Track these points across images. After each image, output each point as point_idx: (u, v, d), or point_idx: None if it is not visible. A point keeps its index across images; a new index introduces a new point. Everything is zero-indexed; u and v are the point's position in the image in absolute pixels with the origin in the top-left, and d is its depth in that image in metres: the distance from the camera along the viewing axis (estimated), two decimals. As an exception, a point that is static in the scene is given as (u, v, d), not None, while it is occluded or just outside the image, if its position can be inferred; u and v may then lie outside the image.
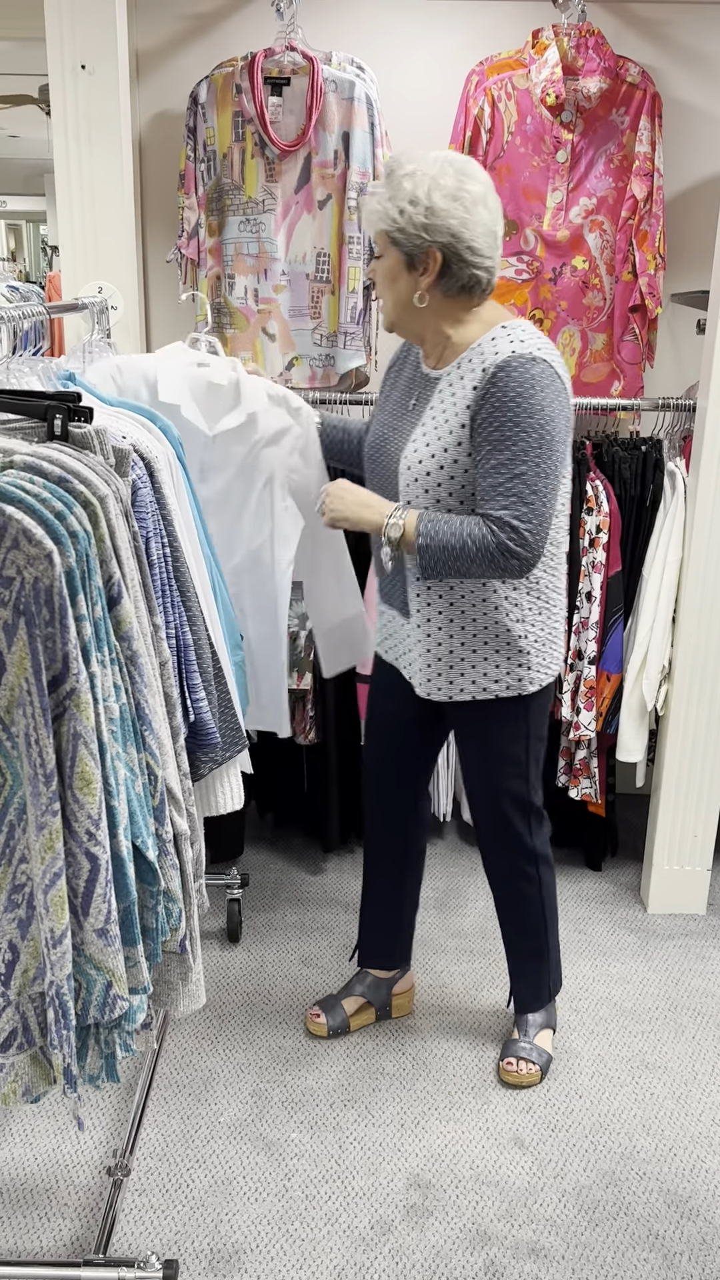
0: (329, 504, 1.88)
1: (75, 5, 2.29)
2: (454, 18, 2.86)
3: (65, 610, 1.17)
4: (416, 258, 1.80)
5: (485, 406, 1.78)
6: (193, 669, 1.65)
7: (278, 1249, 1.84)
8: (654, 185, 2.70)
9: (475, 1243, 1.86)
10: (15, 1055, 1.33)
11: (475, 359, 1.82)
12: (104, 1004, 1.30)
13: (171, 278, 3.03)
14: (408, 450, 1.89)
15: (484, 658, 1.97)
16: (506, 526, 1.76)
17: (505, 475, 1.76)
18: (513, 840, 2.13)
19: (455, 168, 1.78)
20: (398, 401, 2.00)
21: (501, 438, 1.76)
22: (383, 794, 2.27)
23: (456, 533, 1.78)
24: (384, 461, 1.97)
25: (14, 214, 9.15)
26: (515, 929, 2.22)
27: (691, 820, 2.73)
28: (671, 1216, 1.91)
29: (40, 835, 1.21)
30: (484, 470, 1.79)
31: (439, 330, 1.88)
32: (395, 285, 1.85)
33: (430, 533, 1.79)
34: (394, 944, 2.37)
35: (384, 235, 1.82)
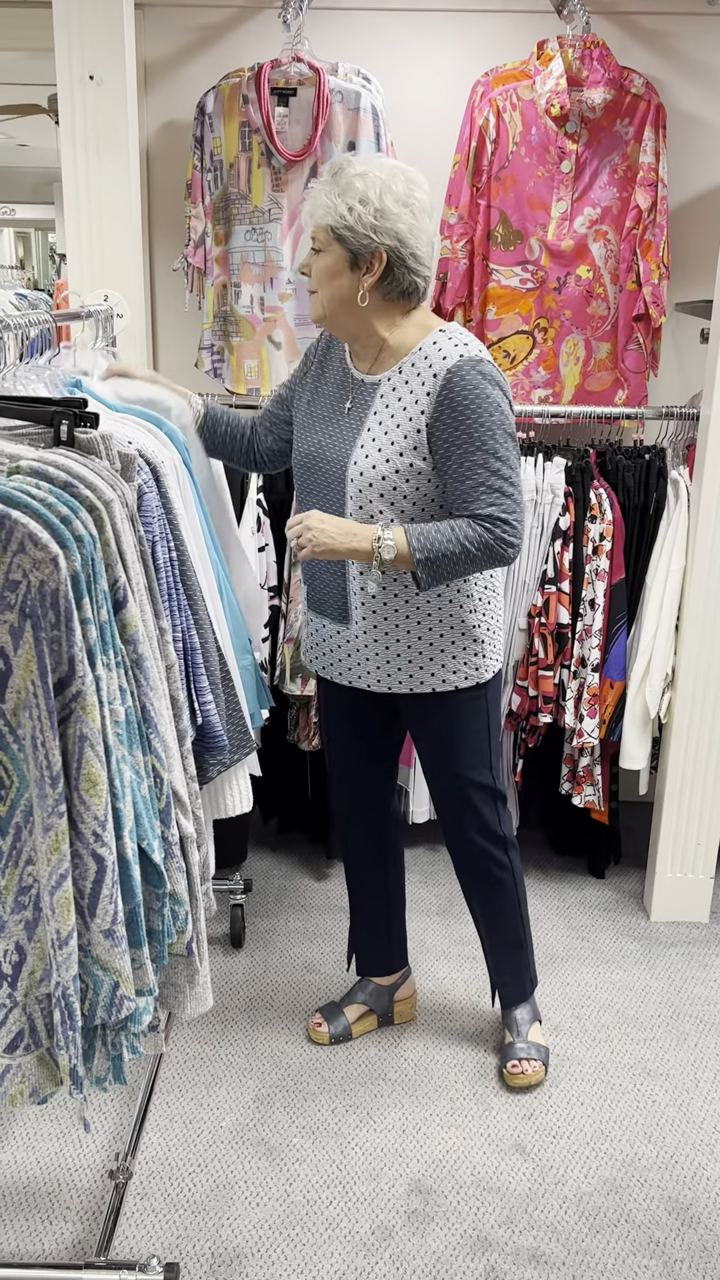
0: (312, 537, 1.81)
1: (84, 16, 2.31)
2: (459, 29, 2.89)
3: (71, 613, 1.18)
4: (361, 256, 1.81)
5: (445, 412, 1.80)
6: (200, 672, 1.66)
7: (279, 1253, 1.84)
8: (658, 195, 2.72)
9: (476, 1248, 1.86)
10: (22, 1056, 1.34)
11: (419, 363, 1.85)
12: (111, 1004, 1.31)
13: (178, 286, 3.06)
14: (356, 457, 1.88)
15: (441, 650, 1.98)
16: (498, 522, 1.80)
17: (484, 474, 1.80)
18: (482, 829, 2.13)
19: (406, 176, 1.82)
20: (327, 406, 1.97)
21: (470, 439, 1.79)
22: (353, 804, 2.26)
23: (452, 539, 1.79)
24: (324, 469, 1.94)
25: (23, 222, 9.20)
26: (493, 920, 2.23)
27: (695, 828, 2.74)
28: (673, 1224, 1.91)
29: (46, 837, 1.22)
30: (457, 472, 1.81)
31: (373, 332, 1.89)
32: (335, 281, 1.85)
33: (426, 546, 1.79)
34: (389, 949, 2.38)
35: (328, 230, 1.82)
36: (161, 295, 3.09)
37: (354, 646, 2.02)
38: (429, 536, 1.79)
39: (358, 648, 2.02)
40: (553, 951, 2.68)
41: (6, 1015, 1.30)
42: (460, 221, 2.78)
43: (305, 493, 2.01)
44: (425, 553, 1.79)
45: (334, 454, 1.92)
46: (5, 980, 1.29)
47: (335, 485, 1.92)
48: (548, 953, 2.68)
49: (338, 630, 2.03)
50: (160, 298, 3.10)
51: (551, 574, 2.68)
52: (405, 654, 1.98)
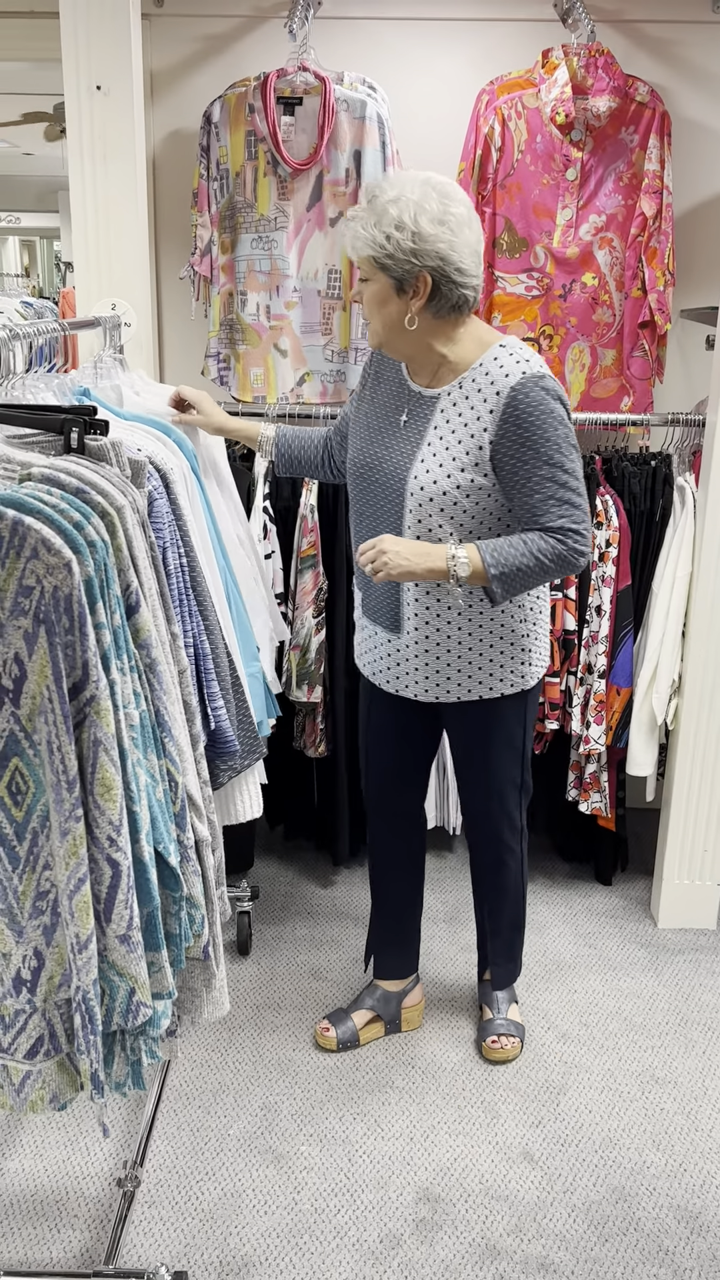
0: (388, 560, 1.82)
1: (91, 27, 2.32)
2: (465, 38, 2.90)
3: (84, 618, 1.19)
4: (406, 282, 1.81)
5: (510, 429, 1.82)
6: (211, 678, 1.66)
7: (287, 1262, 1.83)
8: (663, 203, 2.72)
9: (484, 1257, 1.85)
10: (43, 1062, 1.34)
11: (480, 379, 1.86)
12: (127, 1010, 1.31)
13: (184, 295, 3.06)
14: (416, 471, 1.89)
15: (490, 660, 2.02)
16: (570, 533, 1.84)
17: (552, 486, 1.83)
18: (509, 824, 2.22)
19: (438, 191, 1.79)
20: (383, 417, 1.99)
21: (536, 454, 1.82)
22: (386, 807, 2.29)
23: (526, 552, 1.82)
24: (381, 480, 1.95)
25: (28, 230, 9.22)
26: (497, 902, 2.31)
27: (702, 835, 2.73)
28: (681, 1232, 1.90)
29: (64, 841, 1.22)
30: (526, 487, 1.83)
31: (431, 349, 1.90)
32: (385, 309, 1.86)
33: (501, 561, 1.81)
34: (406, 953, 2.40)
35: (370, 261, 1.82)
36: (168, 304, 3.10)
37: (404, 656, 2.05)
38: (502, 551, 1.82)
39: (407, 657, 2.04)
40: (560, 959, 2.67)
41: (26, 1021, 1.30)
42: (466, 229, 2.78)
43: (361, 504, 2.02)
44: (500, 568, 1.81)
45: (391, 466, 1.93)
46: (25, 986, 1.29)
47: (393, 498, 1.93)
48: (555, 960, 2.67)
49: (389, 639, 2.06)
50: (167, 306, 3.11)
51: (558, 580, 2.68)
52: (455, 664, 2.01)
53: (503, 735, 2.11)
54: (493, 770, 2.14)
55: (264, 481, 2.64)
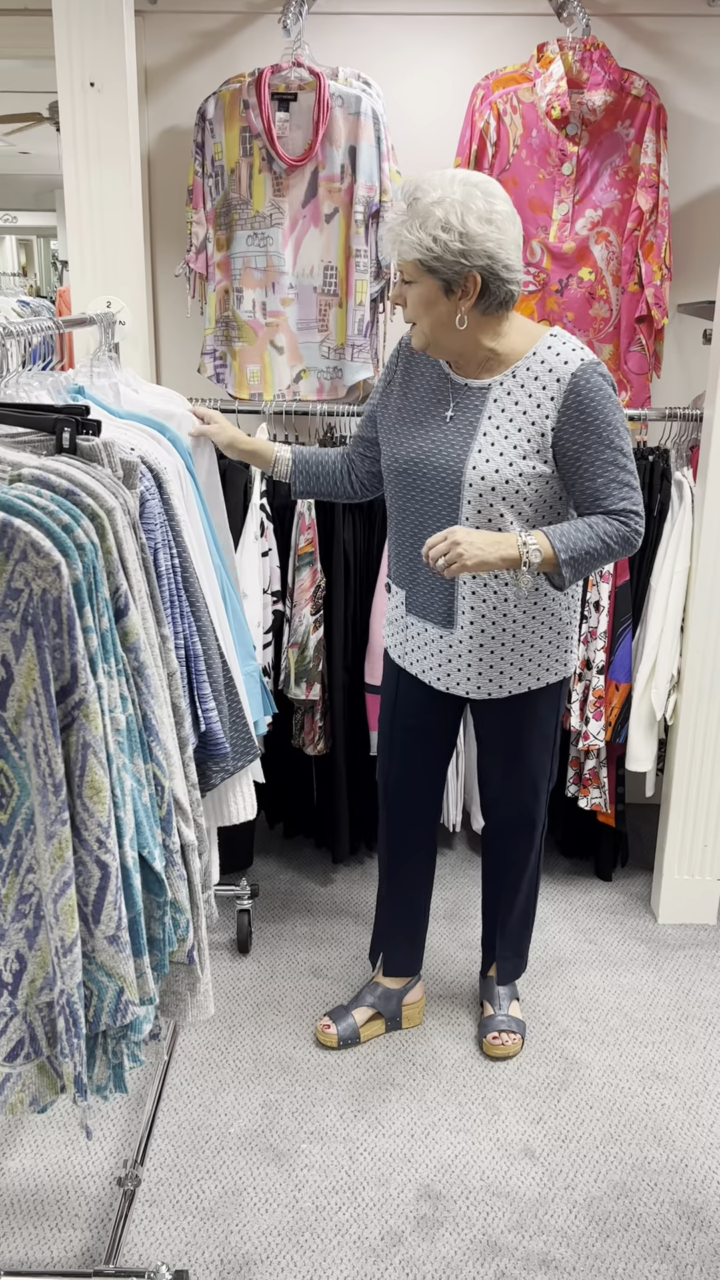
0: (463, 551, 1.78)
1: (84, 23, 2.31)
2: (459, 32, 2.89)
3: (73, 622, 1.18)
4: (455, 283, 1.80)
5: (573, 414, 1.85)
6: (202, 679, 1.66)
7: (288, 1260, 1.84)
8: (659, 197, 2.71)
9: (486, 1254, 1.85)
10: (22, 1065, 1.34)
11: (536, 368, 1.87)
12: (115, 1010, 1.31)
13: (180, 292, 3.06)
14: (474, 461, 1.89)
15: (538, 650, 2.04)
16: (631, 515, 1.87)
17: (615, 470, 1.86)
18: (536, 812, 2.23)
19: (481, 189, 1.78)
20: (424, 413, 1.98)
21: (599, 439, 1.85)
22: (406, 806, 2.27)
23: (593, 536, 1.84)
24: (430, 475, 1.94)
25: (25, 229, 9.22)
26: (512, 898, 2.32)
27: (702, 830, 2.73)
28: (683, 1228, 1.90)
29: (50, 845, 1.22)
30: (589, 471, 1.86)
31: (480, 346, 1.89)
32: (433, 310, 1.84)
33: (570, 545, 1.82)
34: (413, 952, 2.41)
35: (415, 264, 1.80)
36: (164, 301, 3.10)
37: (457, 652, 2.04)
38: (569, 536, 1.83)
39: (460, 653, 2.04)
40: (560, 955, 2.67)
41: (7, 1024, 1.30)
42: (461, 224, 2.77)
43: (407, 499, 2.01)
44: (569, 552, 1.82)
45: (442, 460, 1.93)
46: (5, 989, 1.29)
47: (448, 490, 1.93)
48: (555, 956, 2.67)
49: (440, 635, 2.05)
50: (163, 304, 3.10)
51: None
52: (508, 656, 2.03)
53: (538, 725, 2.13)
54: (528, 761, 2.15)
55: (261, 480, 2.64)
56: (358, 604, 2.77)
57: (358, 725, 2.86)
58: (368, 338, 2.79)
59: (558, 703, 2.15)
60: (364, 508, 2.71)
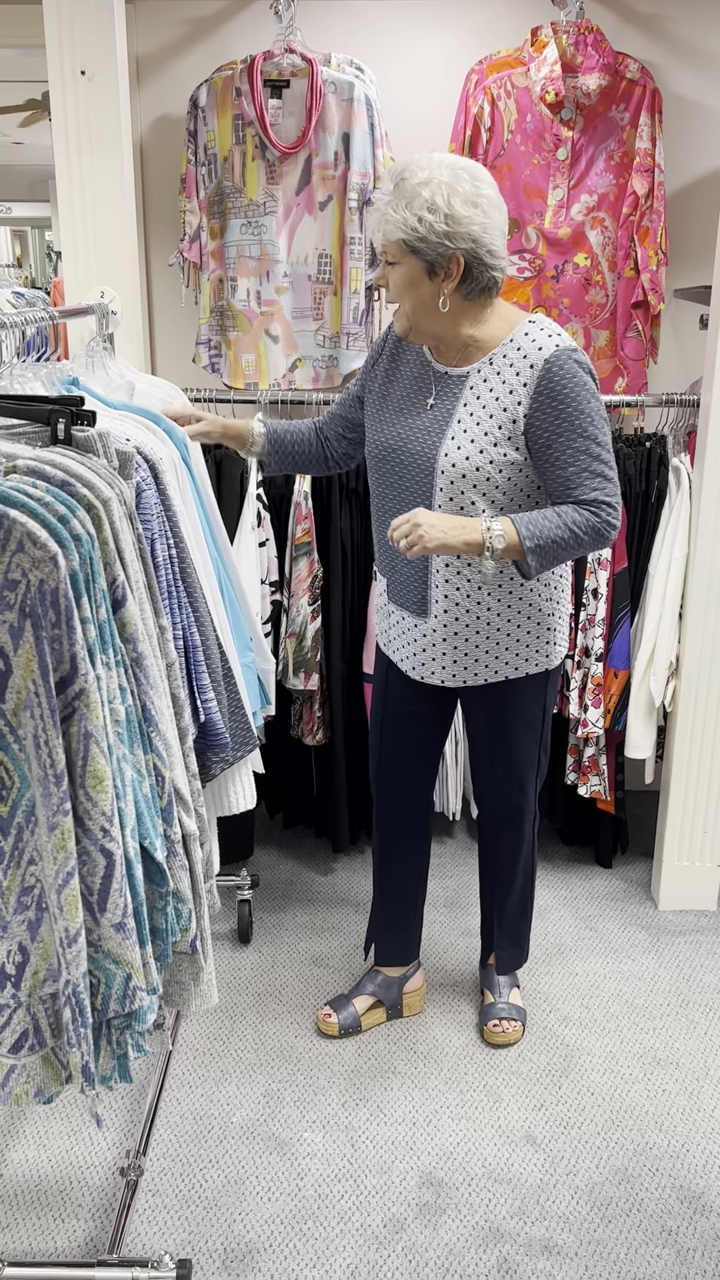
0: (423, 533, 1.77)
1: (74, 11, 2.30)
2: (452, 17, 2.87)
3: (71, 612, 1.18)
4: (438, 265, 1.80)
5: (545, 401, 1.82)
6: (201, 670, 1.65)
7: (291, 1248, 1.84)
8: (655, 181, 2.70)
9: (488, 1240, 1.86)
10: (26, 1056, 1.34)
11: (511, 354, 1.86)
12: (124, 996, 1.31)
13: (175, 281, 3.05)
14: (446, 449, 1.88)
15: (516, 640, 2.02)
16: (604, 506, 1.83)
17: (586, 459, 1.83)
18: (522, 804, 2.22)
19: (468, 173, 1.78)
20: (408, 400, 1.98)
21: (571, 426, 1.82)
22: (396, 792, 2.28)
23: (560, 525, 1.81)
24: (407, 461, 1.94)
25: (19, 220, 9.18)
26: (508, 889, 2.31)
27: (701, 816, 2.73)
28: (685, 1213, 1.91)
29: (52, 836, 1.22)
30: (560, 459, 1.83)
31: (459, 332, 1.89)
32: (415, 292, 1.84)
33: (536, 533, 1.80)
34: (408, 939, 2.40)
35: (399, 244, 1.80)
36: (158, 291, 3.08)
37: (430, 641, 2.04)
38: (536, 524, 1.80)
39: (434, 642, 2.04)
40: (561, 942, 2.68)
41: (10, 1016, 1.30)
42: (456, 211, 2.76)
43: (385, 486, 2.01)
44: (535, 540, 1.80)
45: (419, 446, 1.92)
46: (9, 981, 1.29)
47: (421, 477, 1.92)
48: (556, 943, 2.67)
49: (415, 624, 2.05)
50: (157, 293, 3.09)
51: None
52: (483, 645, 2.01)
53: (523, 716, 2.12)
54: (512, 752, 2.15)
55: (257, 469, 2.63)
56: (355, 594, 2.77)
57: (356, 715, 2.86)
58: (363, 325, 2.78)
59: (543, 695, 2.12)
60: (360, 496, 2.70)
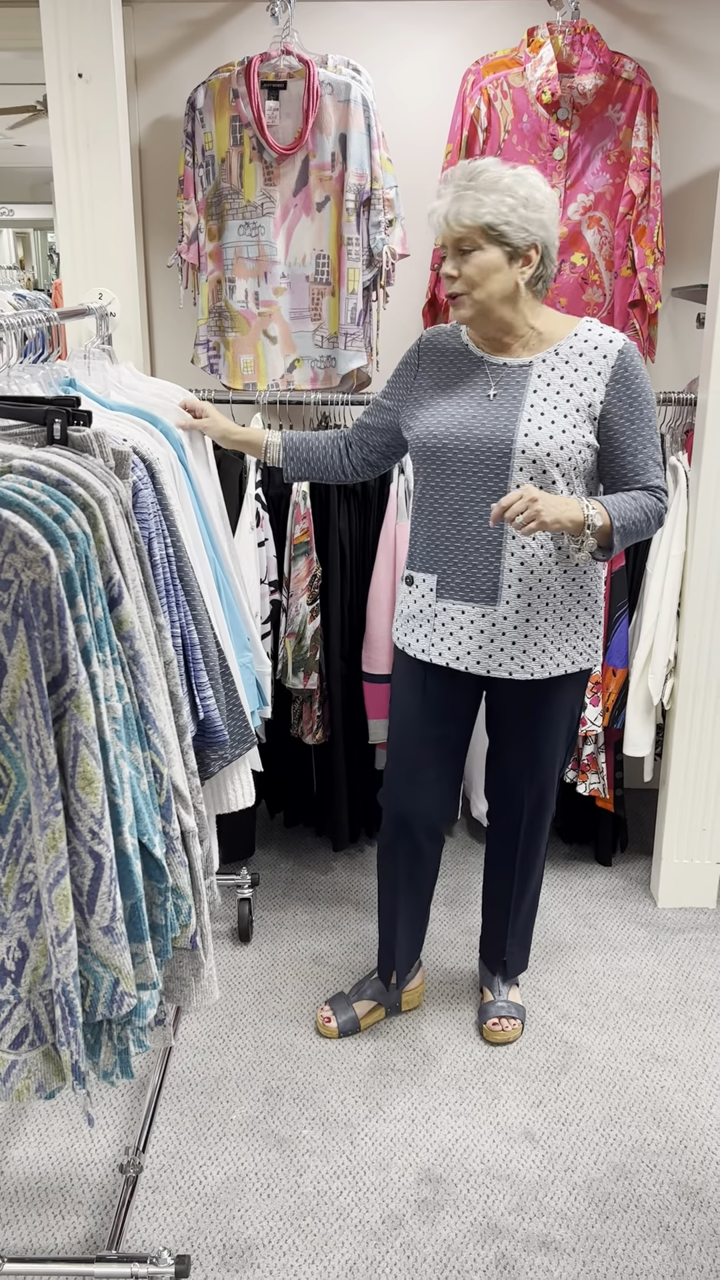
0: (540, 508, 1.78)
1: (71, 14, 2.31)
2: (449, 17, 2.88)
3: (63, 612, 1.19)
4: (520, 251, 1.89)
5: (622, 390, 1.94)
6: (199, 668, 1.66)
7: (290, 1244, 1.85)
8: (651, 180, 2.71)
9: (486, 1236, 1.86)
10: (28, 1052, 1.35)
11: (580, 345, 1.96)
12: (111, 1000, 1.32)
13: (173, 282, 3.06)
14: (525, 429, 1.93)
15: (575, 631, 2.07)
16: (663, 492, 1.98)
17: (652, 448, 1.97)
18: (550, 804, 2.24)
19: (528, 173, 1.90)
20: (462, 391, 2.00)
21: (642, 415, 1.96)
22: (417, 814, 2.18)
23: (638, 507, 1.92)
24: (475, 448, 1.95)
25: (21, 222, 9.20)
26: (523, 890, 2.31)
27: (700, 814, 2.73)
28: (682, 1208, 1.92)
29: (44, 834, 1.23)
30: (632, 446, 1.95)
31: (526, 321, 1.97)
32: (495, 278, 1.90)
33: (621, 514, 1.89)
34: (415, 955, 2.39)
35: (484, 229, 1.87)
36: (157, 292, 3.10)
37: (499, 630, 2.02)
38: (620, 505, 1.90)
39: (505, 630, 2.02)
40: (560, 939, 2.68)
41: (11, 1012, 1.30)
42: (453, 211, 2.77)
43: (447, 476, 2.00)
44: (621, 520, 1.89)
45: (488, 431, 1.96)
46: (9, 977, 1.30)
47: (495, 461, 1.95)
48: (555, 941, 2.68)
49: (482, 614, 2.02)
50: (156, 294, 3.10)
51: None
52: (549, 633, 2.04)
53: (564, 714, 2.14)
54: (549, 752, 2.16)
55: (256, 469, 2.64)
56: (354, 593, 2.77)
57: (356, 714, 2.87)
58: (361, 326, 2.79)
59: (581, 694, 2.17)
60: (359, 495, 2.71)
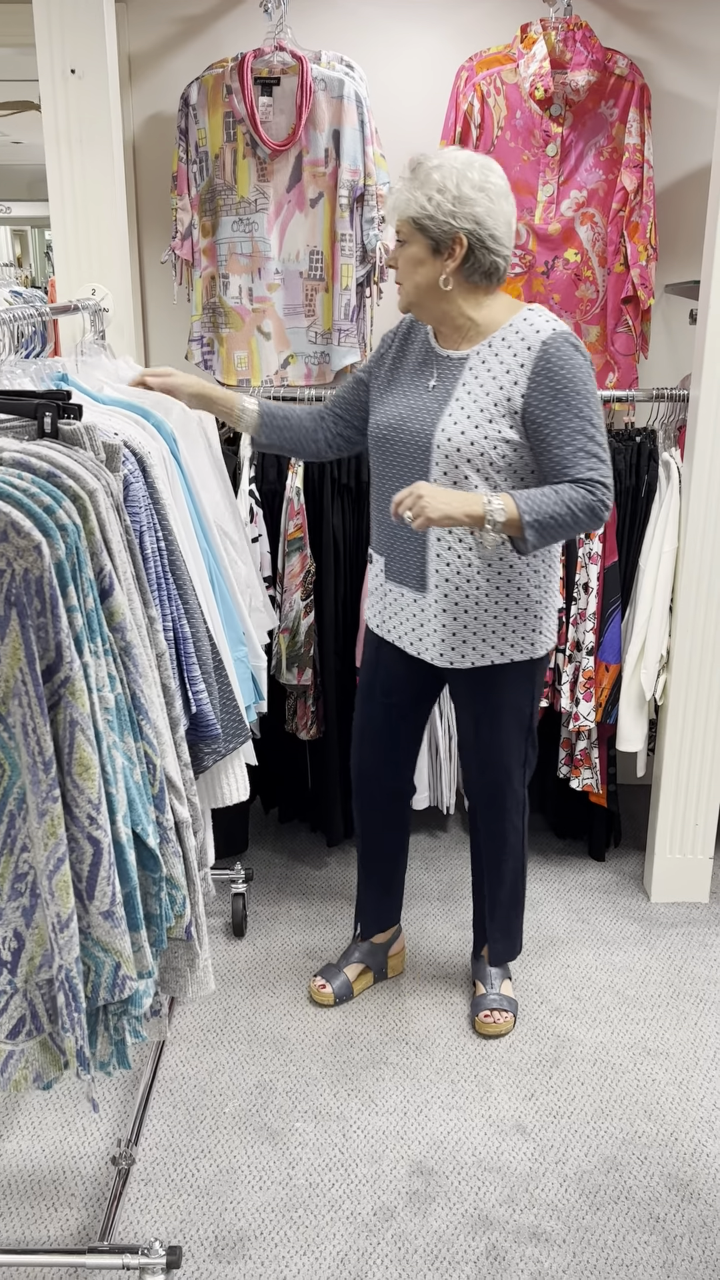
0: (426, 504, 1.82)
1: (65, 10, 2.31)
2: (442, 14, 2.88)
3: (56, 601, 1.19)
4: (443, 244, 1.89)
5: (542, 381, 1.90)
6: (191, 661, 1.67)
7: (282, 1235, 1.86)
8: (644, 177, 2.71)
9: (477, 1227, 1.87)
10: (25, 1042, 1.36)
11: (509, 337, 1.93)
12: (113, 985, 1.32)
13: (167, 279, 3.06)
14: (444, 425, 1.94)
15: (503, 624, 2.06)
16: (598, 485, 1.89)
17: (583, 439, 1.89)
18: (511, 794, 2.24)
19: (480, 162, 1.91)
20: (411, 383, 2.04)
21: (568, 407, 1.89)
22: (381, 775, 2.33)
23: (559, 501, 1.86)
24: (406, 440, 2.00)
25: (18, 219, 9.17)
26: (497, 879, 2.33)
27: (693, 809, 2.74)
28: (672, 1200, 1.92)
29: (42, 822, 1.23)
30: (556, 439, 1.90)
31: (461, 313, 1.96)
32: (420, 270, 1.93)
33: (535, 508, 1.85)
34: (393, 909, 2.49)
35: (410, 223, 1.90)
36: (151, 288, 3.10)
37: (427, 616, 2.09)
38: (535, 499, 1.86)
39: (431, 616, 2.08)
40: (553, 934, 2.69)
41: (7, 1002, 1.31)
42: (447, 208, 2.77)
43: (384, 468, 2.08)
44: (534, 514, 1.85)
45: (416, 425, 1.98)
46: (5, 967, 1.30)
47: (419, 454, 1.98)
48: (548, 935, 2.69)
49: (414, 599, 2.10)
50: (150, 290, 3.10)
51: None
52: (472, 625, 2.05)
53: (510, 705, 2.15)
54: (499, 742, 2.18)
55: (250, 465, 2.65)
56: (348, 589, 2.78)
57: (350, 709, 2.87)
58: (354, 322, 2.79)
59: (529, 686, 2.16)
60: (352, 492, 2.71)
